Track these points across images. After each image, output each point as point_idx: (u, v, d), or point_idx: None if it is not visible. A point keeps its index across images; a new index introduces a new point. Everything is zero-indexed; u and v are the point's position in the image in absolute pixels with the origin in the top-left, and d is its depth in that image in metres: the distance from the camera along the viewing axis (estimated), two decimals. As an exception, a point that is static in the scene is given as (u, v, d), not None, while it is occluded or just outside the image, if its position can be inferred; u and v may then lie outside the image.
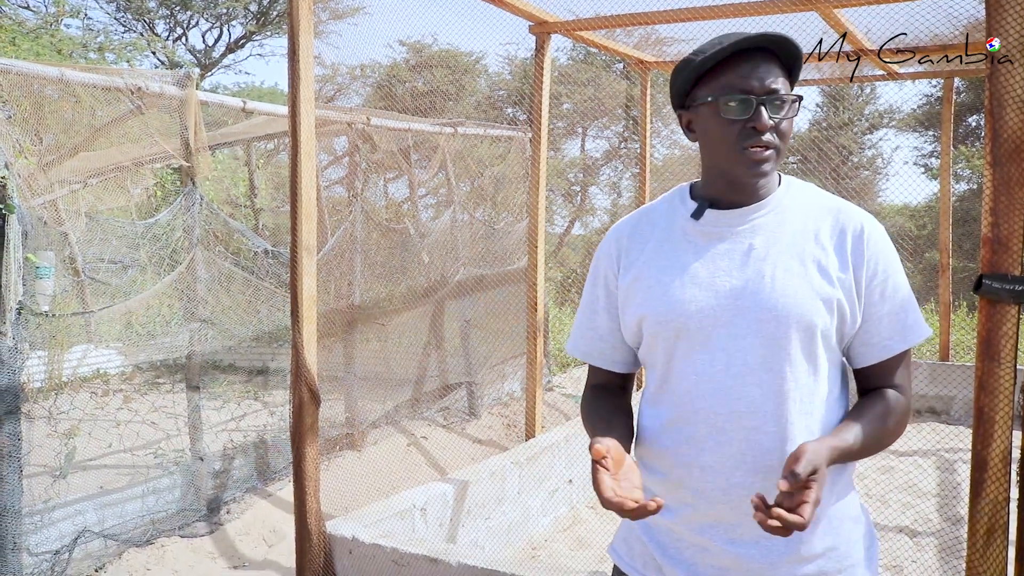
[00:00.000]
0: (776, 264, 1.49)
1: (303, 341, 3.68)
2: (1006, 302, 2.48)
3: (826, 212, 1.56)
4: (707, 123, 1.51)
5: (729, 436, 1.48)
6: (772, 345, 1.47)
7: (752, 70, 1.46)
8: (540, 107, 5.25)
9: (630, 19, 4.88)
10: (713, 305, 1.50)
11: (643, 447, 1.62)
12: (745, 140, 1.47)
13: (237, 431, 6.30)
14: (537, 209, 5.27)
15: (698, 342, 1.51)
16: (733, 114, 1.47)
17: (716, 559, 1.51)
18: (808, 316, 1.47)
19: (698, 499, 1.51)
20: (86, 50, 13.74)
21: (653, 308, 1.56)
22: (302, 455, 3.71)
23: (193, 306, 5.21)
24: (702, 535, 1.51)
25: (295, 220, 3.67)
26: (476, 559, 3.42)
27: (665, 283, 1.56)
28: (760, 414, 1.47)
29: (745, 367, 1.48)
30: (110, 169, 5.73)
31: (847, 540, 1.54)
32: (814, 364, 1.49)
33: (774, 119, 1.47)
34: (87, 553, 4.36)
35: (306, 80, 3.68)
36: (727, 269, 1.52)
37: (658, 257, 1.59)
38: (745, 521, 1.47)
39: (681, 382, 1.53)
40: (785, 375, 1.47)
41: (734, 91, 1.46)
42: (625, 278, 1.62)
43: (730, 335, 1.49)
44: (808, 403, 1.48)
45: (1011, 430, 2.48)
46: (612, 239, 1.68)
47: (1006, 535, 2.50)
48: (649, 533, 1.61)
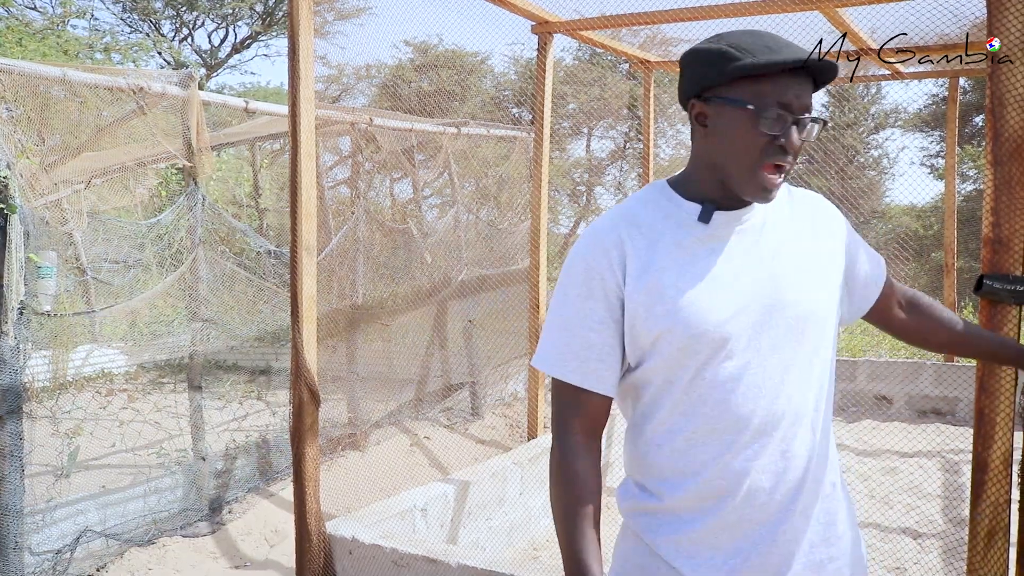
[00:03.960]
0: (790, 262, 1.51)
1: (303, 341, 3.68)
2: (1007, 303, 2.46)
3: (808, 204, 1.61)
4: (733, 126, 1.44)
5: (773, 437, 1.47)
6: (801, 342, 1.49)
7: (796, 87, 1.42)
8: (542, 107, 5.24)
9: (632, 19, 4.87)
10: (741, 308, 1.47)
11: (661, 470, 1.52)
12: (770, 156, 1.43)
13: (240, 431, 6.31)
14: (539, 209, 5.26)
15: (728, 348, 1.46)
16: (770, 128, 1.41)
17: (762, 563, 1.48)
18: (825, 310, 1.52)
19: (746, 505, 1.47)
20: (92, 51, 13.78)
21: (679, 320, 1.46)
22: (302, 455, 3.71)
23: (195, 306, 5.22)
24: (743, 540, 1.48)
25: (295, 220, 3.67)
26: (475, 560, 3.42)
27: (686, 291, 1.47)
28: (798, 410, 1.48)
29: (780, 364, 1.47)
30: (114, 169, 5.74)
31: (852, 522, 1.61)
32: (829, 352, 1.55)
33: (800, 140, 1.44)
34: (89, 552, 4.36)
35: (306, 80, 3.69)
36: (745, 270, 1.48)
37: (672, 264, 1.49)
38: (787, 519, 1.48)
39: (714, 391, 1.47)
40: (814, 367, 1.51)
41: (775, 105, 1.41)
42: (636, 288, 1.49)
43: (758, 336, 1.47)
44: (828, 392, 1.55)
45: (1012, 431, 2.46)
46: (611, 246, 1.51)
47: (1007, 537, 2.48)
48: (676, 556, 1.51)
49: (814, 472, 1.50)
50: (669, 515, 1.52)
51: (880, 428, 7.03)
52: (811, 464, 1.49)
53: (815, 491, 1.50)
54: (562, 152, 17.00)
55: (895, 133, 18.41)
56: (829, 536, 1.52)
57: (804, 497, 1.48)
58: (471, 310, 7.24)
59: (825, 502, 1.52)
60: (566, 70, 16.97)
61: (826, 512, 1.52)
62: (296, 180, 3.66)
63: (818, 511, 1.51)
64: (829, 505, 1.53)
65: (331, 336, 6.11)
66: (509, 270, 7.33)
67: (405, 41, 16.59)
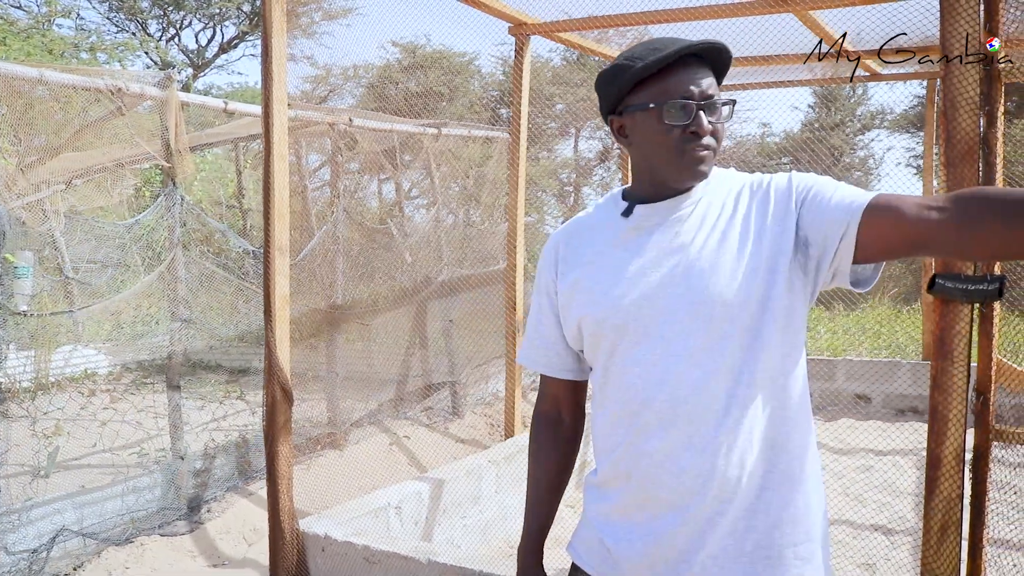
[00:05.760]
0: (703, 247, 1.52)
1: (276, 340, 3.71)
2: (959, 301, 2.52)
3: (746, 185, 1.58)
4: (646, 128, 1.54)
5: (675, 420, 1.50)
6: (708, 327, 1.49)
7: (691, 76, 1.51)
8: (520, 108, 5.28)
9: (607, 21, 4.92)
10: (646, 296, 1.54)
11: (596, 446, 1.67)
12: (686, 144, 1.51)
13: (219, 430, 6.33)
14: (516, 210, 5.30)
15: (637, 335, 1.54)
16: (675, 119, 1.50)
17: (671, 541, 1.52)
18: (740, 292, 1.47)
19: (649, 486, 1.53)
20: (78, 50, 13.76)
21: (590, 309, 1.60)
22: (275, 453, 3.74)
23: (174, 306, 5.24)
24: (655, 519, 1.54)
25: (268, 220, 3.70)
26: (447, 557, 3.45)
27: (600, 282, 1.59)
28: (704, 395, 1.48)
29: (685, 351, 1.50)
30: (94, 170, 5.76)
31: (805, 511, 1.54)
32: (756, 339, 1.48)
33: (712, 123, 1.52)
34: (66, 552, 4.38)
35: (279, 81, 3.71)
36: (655, 260, 1.55)
37: (594, 259, 1.63)
38: (697, 502, 1.49)
39: (624, 376, 1.56)
40: (724, 353, 1.48)
41: (675, 97, 1.50)
42: (563, 283, 1.66)
43: (667, 323, 1.51)
44: (750, 378, 1.48)
45: (964, 428, 2.51)
46: (551, 248, 1.73)
47: (959, 531, 2.54)
48: (604, 527, 1.64)
49: (731, 459, 1.48)
50: (599, 489, 1.66)
51: (858, 427, 7.08)
52: (724, 451, 1.48)
53: (734, 479, 1.49)
54: (550, 152, 17.05)
55: (881, 134, 18.53)
56: (755, 524, 1.51)
57: (716, 484, 1.48)
58: (451, 310, 7.27)
59: (750, 491, 1.50)
60: (554, 71, 17.01)
61: (751, 500, 1.50)
62: (269, 181, 3.69)
63: (740, 499, 1.49)
64: (759, 494, 1.51)
65: (312, 336, 6.14)
66: (490, 270, 7.36)
67: (392, 42, 16.61)
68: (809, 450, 1.58)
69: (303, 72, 14.35)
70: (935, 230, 1.32)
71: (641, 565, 1.56)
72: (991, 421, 2.58)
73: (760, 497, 1.51)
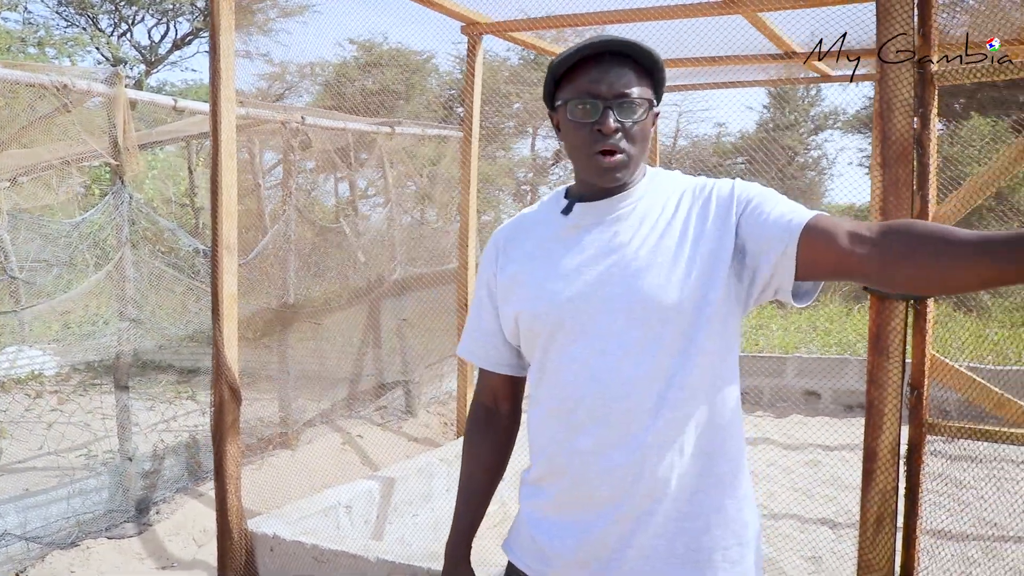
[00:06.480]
0: (640, 248, 1.52)
1: (223, 340, 3.69)
2: (894, 299, 2.57)
3: (689, 189, 1.58)
4: (564, 125, 1.56)
5: (607, 419, 1.51)
6: (643, 327, 1.49)
7: (602, 75, 1.49)
8: (472, 106, 5.28)
9: (560, 21, 4.93)
10: (582, 294, 1.54)
11: (531, 443, 1.67)
12: (595, 144, 1.51)
13: (169, 431, 6.25)
14: (468, 208, 5.31)
15: (572, 332, 1.54)
16: (580, 117, 1.51)
17: (602, 539, 1.53)
18: (675, 295, 1.48)
19: (581, 483, 1.54)
20: (25, 44, 13.49)
21: (526, 304, 1.60)
22: (223, 453, 3.71)
23: (122, 306, 5.17)
24: (586, 516, 1.55)
25: (216, 219, 3.68)
26: (395, 554, 3.45)
27: (538, 278, 1.60)
28: (636, 395, 1.49)
29: (620, 350, 1.50)
30: (40, 167, 5.66)
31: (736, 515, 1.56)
32: (690, 342, 1.48)
33: (622, 122, 1.49)
34: (8, 556, 4.30)
35: (227, 79, 3.69)
36: (593, 258, 1.55)
37: (534, 255, 1.63)
38: (627, 500, 1.50)
39: (559, 373, 1.56)
40: (656, 355, 1.48)
41: (582, 95, 1.50)
42: (503, 276, 1.67)
43: (602, 322, 1.52)
44: (683, 380, 1.48)
45: (899, 422, 2.57)
46: (494, 242, 1.73)
47: (894, 523, 2.59)
48: (536, 525, 1.65)
49: (662, 460, 1.49)
50: (534, 485, 1.67)
51: (807, 423, 7.20)
52: (654, 452, 1.49)
53: (664, 480, 1.49)
54: (506, 151, 17.07)
55: (834, 134, 18.85)
56: (685, 527, 1.52)
57: (645, 483, 1.49)
58: (404, 309, 7.26)
59: (681, 494, 1.51)
60: (511, 70, 17.04)
61: (682, 503, 1.51)
62: (217, 179, 3.66)
63: (670, 501, 1.50)
64: (691, 497, 1.52)
65: (264, 335, 6.09)
66: (443, 269, 7.36)
67: (350, 39, 16.53)
68: (742, 456, 1.61)
69: (259, 69, 14.23)
70: (862, 264, 1.35)
71: (573, 562, 1.57)
72: (925, 415, 2.64)
73: (691, 500, 1.52)
